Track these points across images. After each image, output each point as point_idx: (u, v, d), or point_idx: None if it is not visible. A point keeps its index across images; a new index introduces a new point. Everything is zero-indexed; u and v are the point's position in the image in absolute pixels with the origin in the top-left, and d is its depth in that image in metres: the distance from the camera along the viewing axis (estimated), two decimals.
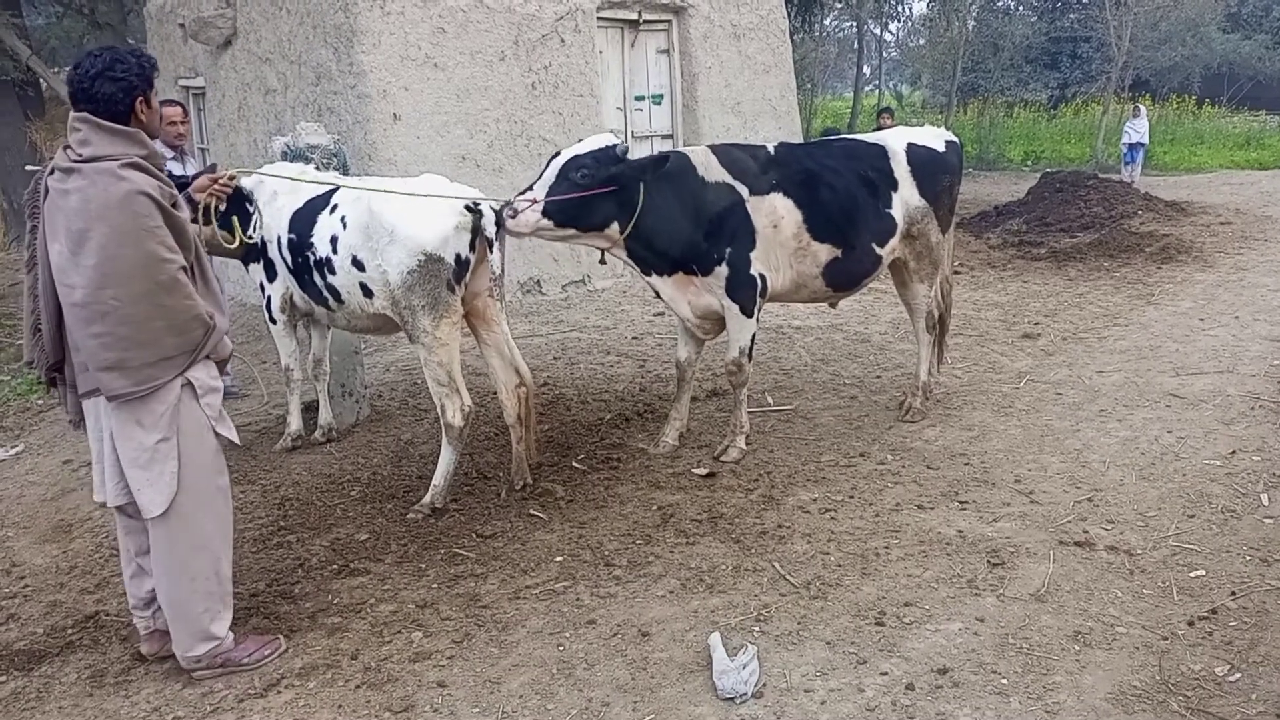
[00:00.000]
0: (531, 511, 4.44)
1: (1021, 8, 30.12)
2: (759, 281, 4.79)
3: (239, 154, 9.50)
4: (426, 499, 4.53)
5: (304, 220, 4.66)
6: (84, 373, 3.04)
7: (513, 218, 4.31)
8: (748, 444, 5.03)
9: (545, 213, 4.32)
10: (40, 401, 6.93)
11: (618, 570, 3.87)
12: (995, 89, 27.79)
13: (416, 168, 7.24)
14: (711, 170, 4.73)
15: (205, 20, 9.27)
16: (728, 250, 4.70)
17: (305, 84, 8.41)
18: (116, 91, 2.95)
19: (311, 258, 4.61)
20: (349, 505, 4.62)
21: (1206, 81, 29.26)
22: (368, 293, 4.45)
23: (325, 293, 4.64)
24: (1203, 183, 17.94)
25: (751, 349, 4.92)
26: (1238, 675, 3.06)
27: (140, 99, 3.00)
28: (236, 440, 3.32)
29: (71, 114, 3.01)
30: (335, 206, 4.56)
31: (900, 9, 31.00)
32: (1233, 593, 3.55)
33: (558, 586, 3.77)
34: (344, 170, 5.42)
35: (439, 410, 4.50)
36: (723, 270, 4.71)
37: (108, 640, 3.54)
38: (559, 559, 3.99)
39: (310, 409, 5.51)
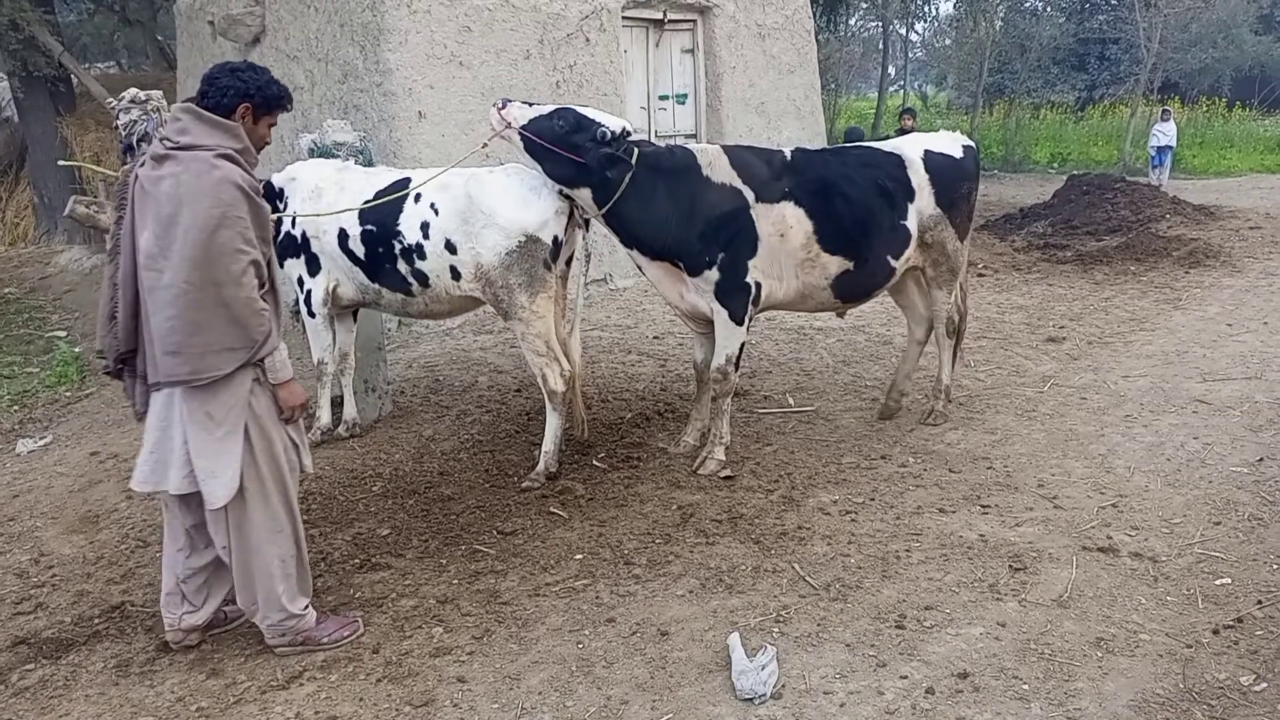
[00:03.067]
0: (552, 509, 4.45)
1: (1049, 8, 29.78)
2: (752, 289, 4.69)
3: (265, 150, 9.55)
4: (540, 466, 4.76)
5: (383, 210, 4.76)
6: (155, 362, 3.09)
7: (500, 109, 4.46)
8: (726, 454, 4.87)
9: (522, 129, 4.41)
10: (68, 394, 7.03)
11: (637, 569, 3.88)
12: (1022, 90, 27.54)
13: (441, 165, 7.27)
14: (718, 171, 4.64)
15: (234, 18, 9.35)
16: (720, 255, 4.59)
17: (332, 82, 8.47)
18: (230, 87, 3.11)
19: (397, 245, 4.74)
20: (371, 500, 4.65)
21: (1237, 84, 28.87)
22: (456, 275, 4.70)
23: (410, 279, 4.79)
24: (1232, 186, 17.72)
25: (739, 358, 4.82)
26: (1264, 685, 3.02)
27: (246, 106, 3.14)
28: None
29: (174, 105, 3.16)
30: (420, 195, 4.73)
31: (926, 9, 30.80)
32: (1259, 601, 3.51)
33: (577, 584, 3.78)
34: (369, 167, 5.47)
35: (540, 380, 4.77)
36: (713, 274, 4.62)
37: (133, 630, 3.59)
38: (579, 557, 4.00)
39: (336, 404, 5.55)
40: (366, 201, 4.77)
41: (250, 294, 3.05)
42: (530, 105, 4.52)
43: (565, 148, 4.37)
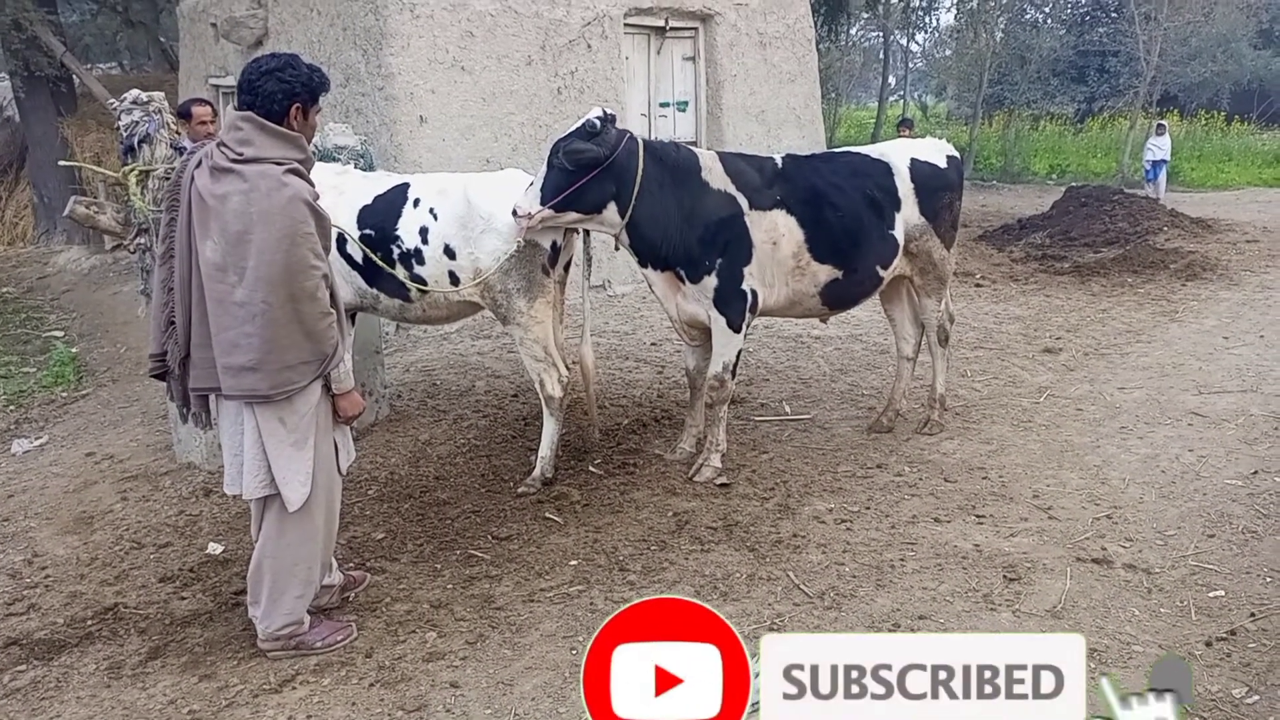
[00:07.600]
0: (547, 515, 4.45)
1: (1050, 20, 29.88)
2: (750, 296, 4.70)
3: None
4: (536, 472, 4.76)
5: (381, 215, 4.75)
6: (211, 368, 3.08)
7: (516, 215, 4.40)
8: (723, 462, 4.88)
9: (545, 205, 4.36)
10: (65, 394, 7.03)
11: (632, 575, 3.88)
12: (1021, 101, 27.59)
13: (442, 170, 7.29)
14: (715, 176, 4.65)
15: (237, 20, 9.39)
16: (719, 261, 4.61)
17: (334, 85, 8.45)
18: (277, 91, 3.04)
19: (396, 250, 4.71)
20: (366, 504, 4.65)
21: (1236, 98, 28.94)
22: (454, 280, 4.66)
23: (409, 283, 4.75)
24: (1230, 200, 17.77)
25: (736, 365, 4.83)
26: (1256, 697, 3.02)
27: (297, 106, 3.10)
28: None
29: (232, 111, 3.11)
30: (419, 200, 4.70)
31: (927, 20, 30.91)
32: (1252, 614, 3.51)
33: (572, 590, 3.78)
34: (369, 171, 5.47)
35: (537, 385, 4.76)
36: (711, 281, 4.63)
37: (126, 632, 3.58)
38: (574, 563, 4.00)
39: None
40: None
41: (324, 308, 3.09)
42: (530, 185, 4.45)
43: (586, 167, 4.34)
